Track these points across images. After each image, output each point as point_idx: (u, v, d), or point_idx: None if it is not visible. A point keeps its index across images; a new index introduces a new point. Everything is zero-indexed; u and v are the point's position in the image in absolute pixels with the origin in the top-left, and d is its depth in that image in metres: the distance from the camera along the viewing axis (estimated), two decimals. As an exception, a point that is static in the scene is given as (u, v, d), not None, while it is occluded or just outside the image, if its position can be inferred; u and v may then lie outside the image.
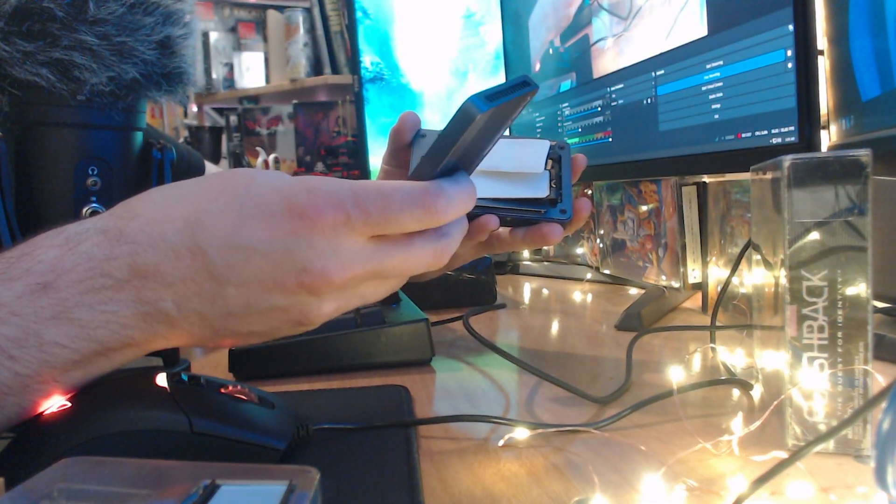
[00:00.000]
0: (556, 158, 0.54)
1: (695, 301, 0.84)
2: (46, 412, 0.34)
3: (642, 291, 0.89)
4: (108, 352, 0.34)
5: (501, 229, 0.55)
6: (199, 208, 0.33)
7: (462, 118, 0.32)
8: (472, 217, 0.52)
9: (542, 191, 0.51)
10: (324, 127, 2.11)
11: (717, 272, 0.77)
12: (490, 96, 0.32)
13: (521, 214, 0.52)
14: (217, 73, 2.21)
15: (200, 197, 0.34)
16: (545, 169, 0.53)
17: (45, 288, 0.32)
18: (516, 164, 0.53)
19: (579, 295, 0.96)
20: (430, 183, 0.35)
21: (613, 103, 0.86)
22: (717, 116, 0.67)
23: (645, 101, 0.79)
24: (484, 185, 0.51)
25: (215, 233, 0.32)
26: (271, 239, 0.32)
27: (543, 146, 0.53)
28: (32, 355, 0.32)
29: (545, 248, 1.20)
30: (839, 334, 0.36)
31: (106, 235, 0.33)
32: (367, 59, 1.53)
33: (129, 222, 0.33)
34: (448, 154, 0.34)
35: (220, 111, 2.38)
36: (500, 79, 1.25)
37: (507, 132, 0.41)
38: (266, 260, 0.32)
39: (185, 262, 0.33)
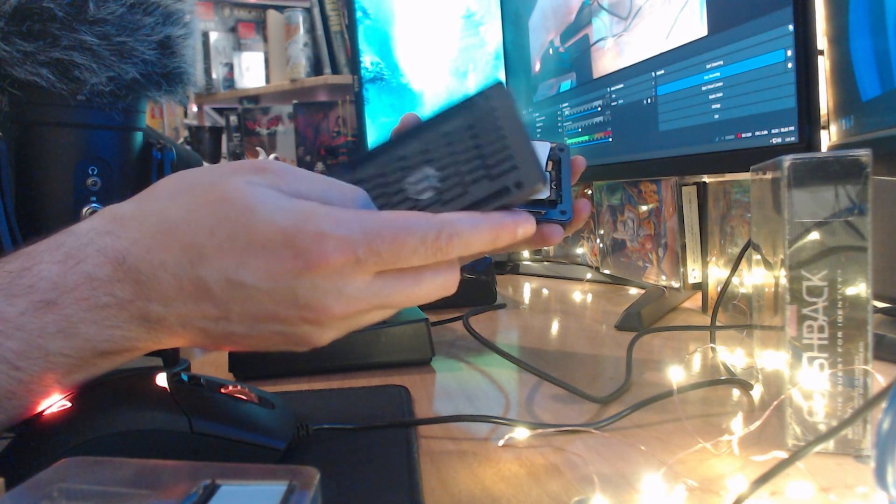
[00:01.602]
0: (556, 160, 0.54)
1: (695, 301, 0.84)
2: (46, 412, 0.35)
3: (642, 291, 0.89)
4: (110, 355, 0.34)
5: (502, 229, 0.55)
6: (196, 242, 0.32)
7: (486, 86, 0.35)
8: None
9: (542, 192, 0.51)
10: (324, 127, 2.11)
11: (717, 272, 0.77)
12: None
13: None
14: (217, 73, 2.21)
15: (195, 229, 0.32)
16: (545, 170, 0.53)
17: (49, 305, 0.32)
18: None
19: (579, 295, 0.96)
20: (444, 222, 0.33)
21: (613, 103, 0.86)
22: (717, 116, 0.67)
23: (645, 101, 0.79)
24: None
25: (216, 267, 0.32)
26: (274, 278, 0.32)
27: (543, 147, 0.53)
28: (37, 365, 0.32)
29: (545, 248, 1.19)
30: (839, 334, 0.36)
31: (106, 256, 0.33)
32: (367, 59, 1.53)
33: (130, 247, 0.33)
34: (452, 112, 0.36)
35: (220, 111, 2.38)
36: (500, 79, 1.25)
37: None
38: (269, 297, 0.32)
39: (187, 290, 0.33)
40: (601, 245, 1.02)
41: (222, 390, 0.40)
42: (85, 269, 0.33)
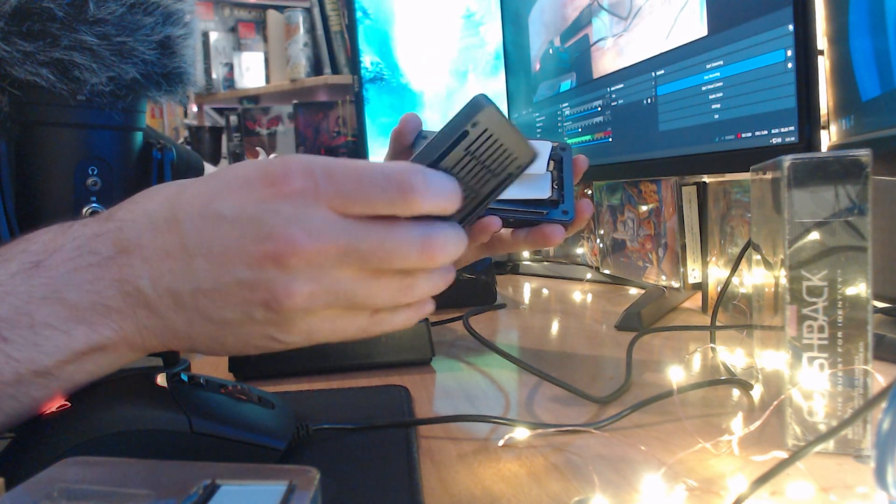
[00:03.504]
0: (557, 160, 0.54)
1: (695, 301, 0.84)
2: (46, 412, 0.34)
3: (642, 291, 0.89)
4: (102, 347, 0.34)
5: (503, 230, 0.55)
6: (182, 185, 0.35)
7: (471, 109, 0.33)
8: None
9: (544, 192, 0.51)
10: (324, 127, 2.11)
11: (717, 272, 0.77)
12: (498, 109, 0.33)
13: (524, 216, 0.52)
14: (217, 73, 2.21)
15: (191, 180, 0.35)
16: (547, 170, 0.53)
17: (37, 266, 0.33)
18: None
19: (579, 295, 0.96)
20: (408, 164, 0.33)
21: (613, 103, 0.86)
22: (717, 116, 0.67)
23: (645, 101, 0.79)
24: None
25: (192, 203, 0.33)
26: (241, 206, 0.32)
27: (545, 147, 0.53)
28: (24, 337, 0.32)
29: (546, 248, 1.20)
30: (839, 334, 0.36)
31: (96, 217, 0.35)
32: (367, 59, 1.53)
33: (122, 204, 0.35)
34: (449, 149, 0.33)
35: (220, 111, 2.38)
36: (500, 79, 1.25)
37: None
38: (233, 227, 0.32)
39: (162, 234, 0.33)
40: (601, 245, 1.02)
41: (222, 390, 0.40)
42: (74, 230, 0.34)
